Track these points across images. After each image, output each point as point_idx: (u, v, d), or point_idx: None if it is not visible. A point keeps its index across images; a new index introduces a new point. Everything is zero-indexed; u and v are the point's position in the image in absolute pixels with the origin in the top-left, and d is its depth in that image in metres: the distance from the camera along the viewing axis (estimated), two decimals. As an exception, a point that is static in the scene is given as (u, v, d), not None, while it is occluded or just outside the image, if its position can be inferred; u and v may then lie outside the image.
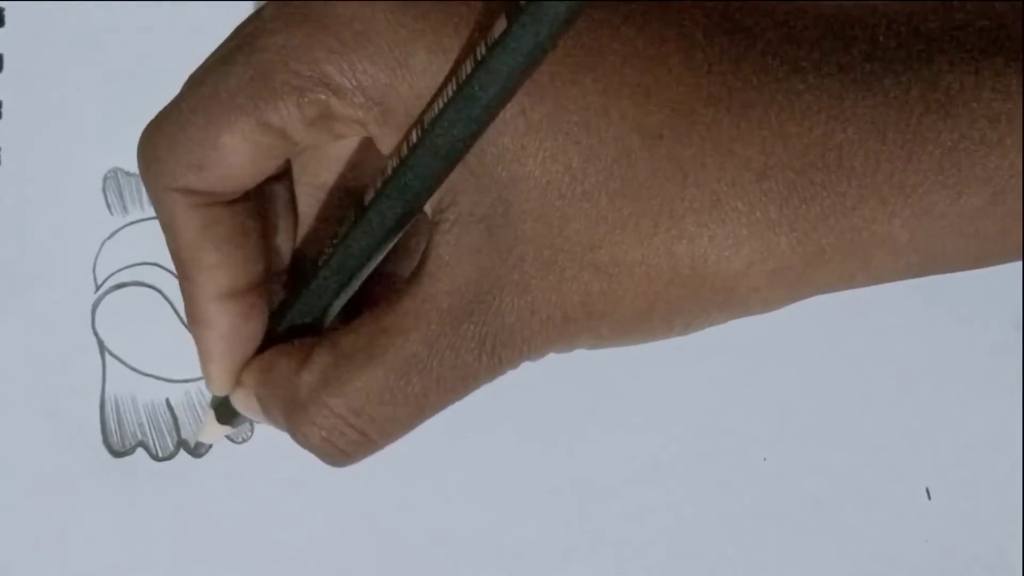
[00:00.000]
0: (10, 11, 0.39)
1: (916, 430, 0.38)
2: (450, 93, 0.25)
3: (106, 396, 0.38)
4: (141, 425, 0.38)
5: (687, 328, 0.28)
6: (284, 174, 0.32)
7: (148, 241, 0.39)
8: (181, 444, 0.38)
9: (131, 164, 0.39)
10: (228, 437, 0.38)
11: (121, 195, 0.39)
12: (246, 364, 0.31)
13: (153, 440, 0.38)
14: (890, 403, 0.38)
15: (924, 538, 0.38)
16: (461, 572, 0.38)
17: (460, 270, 0.27)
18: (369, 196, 0.28)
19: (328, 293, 0.29)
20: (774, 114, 0.26)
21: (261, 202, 0.31)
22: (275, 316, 0.31)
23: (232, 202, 0.29)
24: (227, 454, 0.38)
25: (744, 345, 0.38)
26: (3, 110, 0.39)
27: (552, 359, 0.38)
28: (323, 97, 0.26)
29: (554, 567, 0.38)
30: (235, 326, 0.30)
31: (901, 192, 0.26)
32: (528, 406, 0.38)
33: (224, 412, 0.34)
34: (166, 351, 0.38)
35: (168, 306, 0.39)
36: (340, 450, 0.29)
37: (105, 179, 0.39)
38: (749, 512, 0.38)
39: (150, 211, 0.39)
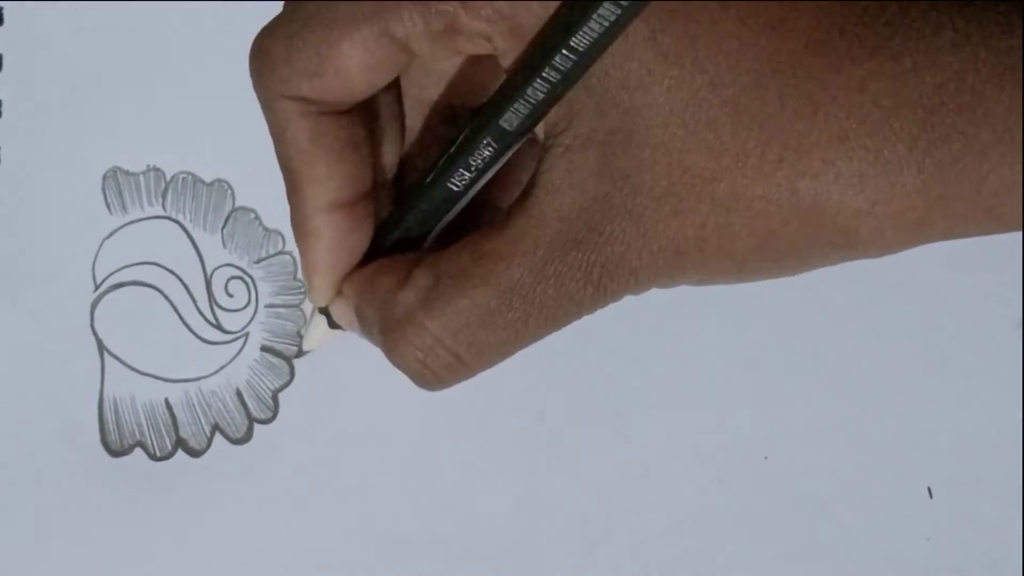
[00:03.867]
0: (9, 10, 0.39)
1: (917, 429, 0.38)
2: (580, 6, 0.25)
3: (105, 396, 0.38)
4: (139, 425, 0.38)
5: (799, 268, 0.28)
6: (392, 86, 0.31)
7: (147, 240, 0.39)
8: (179, 444, 0.38)
9: (130, 163, 0.39)
10: (226, 436, 0.38)
11: (120, 194, 0.39)
12: (348, 276, 0.30)
13: (151, 440, 0.38)
14: (891, 402, 0.38)
15: (926, 537, 0.38)
16: (460, 572, 0.38)
17: (572, 196, 0.26)
18: (486, 109, 0.27)
19: (436, 210, 0.29)
20: (908, 52, 0.25)
21: (370, 114, 0.30)
22: (379, 230, 0.31)
23: (343, 113, 0.29)
24: (225, 455, 0.38)
25: (745, 344, 0.38)
26: (2, 109, 0.39)
27: (552, 357, 0.38)
28: (450, 9, 0.26)
29: (554, 567, 0.38)
30: (341, 238, 0.29)
31: None
32: (528, 405, 0.38)
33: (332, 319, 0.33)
34: (165, 351, 0.38)
35: (167, 305, 0.39)
36: (433, 372, 0.28)
37: (104, 178, 0.39)
38: (750, 511, 0.38)
39: (150, 211, 0.39)
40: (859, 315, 0.38)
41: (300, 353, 0.38)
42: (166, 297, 0.39)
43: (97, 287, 0.39)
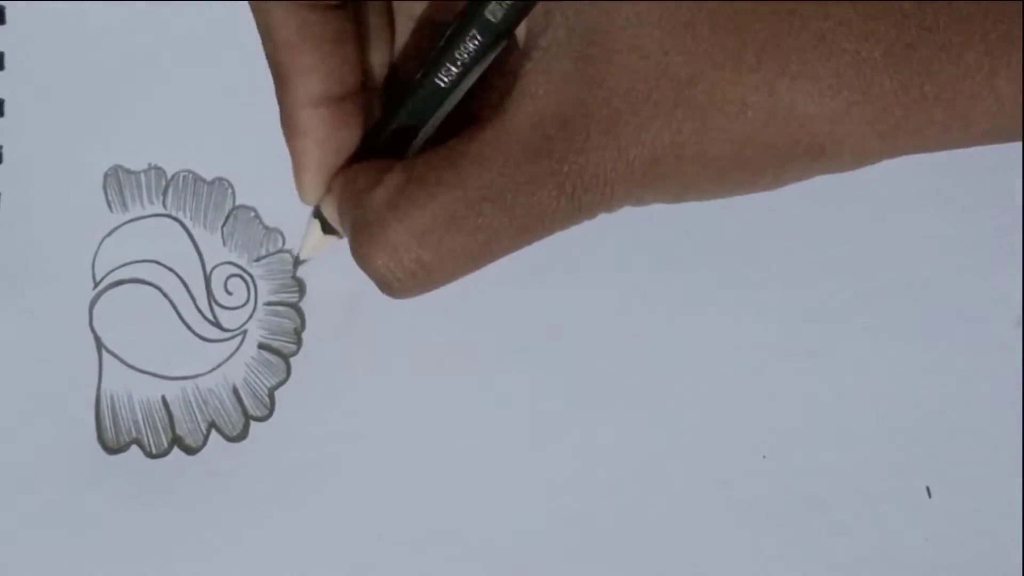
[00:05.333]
0: (11, 9, 0.39)
1: (917, 429, 0.38)
2: None
3: (102, 393, 0.38)
4: (136, 422, 0.38)
5: (777, 179, 0.27)
6: None
7: (148, 238, 0.39)
8: (175, 441, 0.38)
9: (131, 162, 0.39)
10: (222, 434, 0.38)
11: (121, 192, 0.39)
12: (335, 175, 0.30)
13: (147, 437, 0.38)
14: (890, 401, 0.38)
15: (924, 537, 0.37)
16: (459, 572, 0.37)
17: (547, 101, 0.26)
18: (472, 3, 0.27)
19: (424, 108, 0.29)
20: None
21: (359, 14, 0.30)
22: (369, 134, 0.31)
23: (331, 7, 0.28)
24: (220, 452, 0.38)
25: (744, 343, 0.38)
26: (4, 108, 0.39)
27: (551, 355, 0.38)
28: None
29: (554, 566, 0.37)
30: (329, 133, 0.29)
31: (1010, 44, 0.25)
32: (526, 403, 0.38)
33: (327, 223, 0.33)
34: (163, 348, 0.38)
35: (167, 303, 0.39)
36: (396, 278, 0.28)
37: (105, 176, 0.39)
38: (749, 510, 0.38)
39: (150, 208, 0.39)
40: (859, 314, 0.38)
41: (297, 262, 0.38)
42: (165, 295, 0.39)
43: (96, 285, 0.39)
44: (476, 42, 0.27)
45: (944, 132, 0.27)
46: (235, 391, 0.38)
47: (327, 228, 0.33)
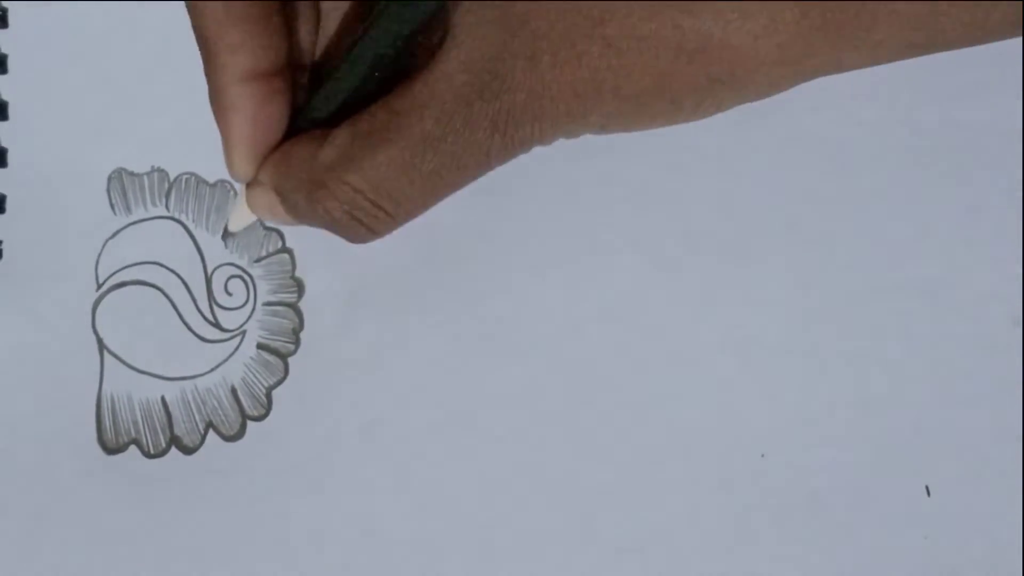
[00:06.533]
0: (14, 12, 0.40)
1: (916, 428, 0.38)
2: None
3: (103, 394, 0.38)
4: (135, 423, 0.38)
5: (696, 110, 0.29)
6: None
7: (150, 240, 0.39)
8: (173, 441, 0.38)
9: (135, 164, 0.39)
10: (220, 434, 0.38)
11: (125, 195, 0.39)
12: (265, 159, 0.31)
13: (146, 437, 0.38)
14: (890, 401, 0.38)
15: (923, 535, 0.37)
16: (457, 571, 0.37)
17: (475, 47, 0.27)
18: None
19: (352, 79, 0.30)
20: None
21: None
22: (296, 114, 0.31)
23: None
24: (218, 452, 0.38)
25: (743, 342, 0.38)
26: (9, 111, 0.40)
27: (549, 356, 0.38)
28: None
29: (551, 566, 0.37)
30: (258, 110, 0.30)
31: None
32: (524, 404, 0.38)
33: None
34: (164, 349, 0.38)
35: (168, 304, 0.39)
36: (363, 224, 0.29)
37: (109, 179, 0.39)
38: (748, 510, 0.37)
39: (153, 211, 0.39)
40: (858, 314, 0.38)
41: (227, 234, 0.38)
42: (167, 296, 0.39)
43: (99, 287, 0.39)
44: (398, 19, 0.28)
45: (852, 53, 0.28)
46: (233, 391, 0.38)
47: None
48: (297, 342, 0.39)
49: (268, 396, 0.38)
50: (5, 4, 0.40)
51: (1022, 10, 0.28)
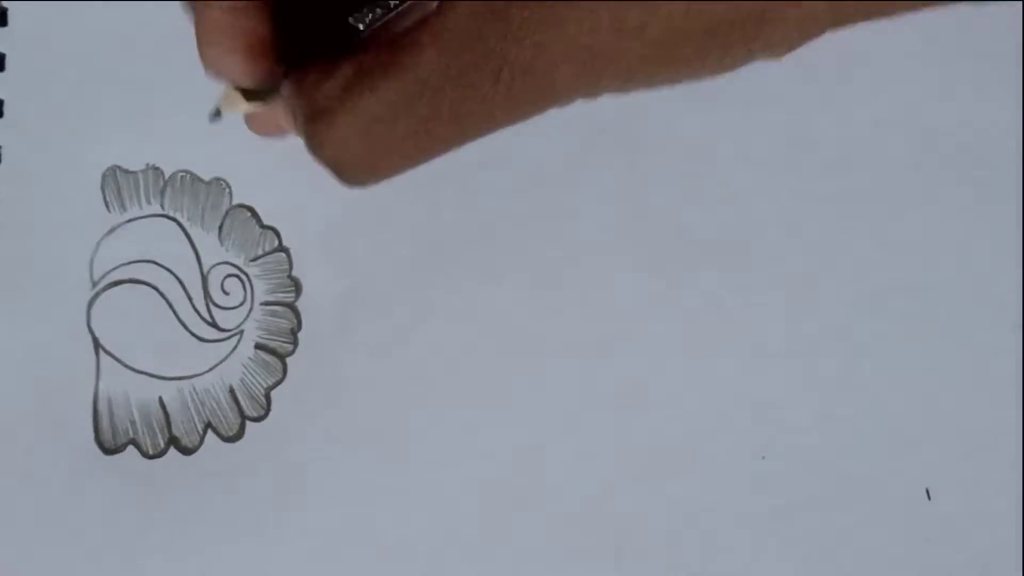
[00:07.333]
0: (13, 11, 0.40)
1: (916, 431, 0.38)
2: None
3: (99, 393, 0.38)
4: (133, 423, 0.38)
5: (722, 59, 0.27)
6: None
7: (145, 238, 0.39)
8: (172, 442, 0.38)
9: (130, 162, 0.39)
10: (218, 434, 0.38)
11: (119, 193, 0.39)
12: (285, 75, 0.30)
13: (144, 438, 0.38)
14: (890, 403, 0.38)
15: (924, 538, 0.37)
16: (456, 571, 0.37)
17: None
18: None
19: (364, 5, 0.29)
20: None
21: None
22: (315, 36, 0.30)
23: None
24: (216, 452, 0.38)
25: (744, 344, 0.38)
26: (4, 109, 0.39)
27: (549, 356, 0.38)
28: None
29: (551, 566, 0.37)
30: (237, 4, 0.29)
31: None
32: (525, 405, 0.38)
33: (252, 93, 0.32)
34: (160, 349, 0.38)
35: (164, 303, 0.38)
36: (347, 165, 0.28)
37: (104, 177, 0.39)
38: (748, 511, 0.37)
39: (148, 209, 0.39)
40: (859, 316, 0.38)
41: (216, 115, 0.37)
42: (162, 295, 0.39)
43: (94, 285, 0.39)
44: None
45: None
46: (231, 391, 0.38)
47: (251, 96, 0.33)
48: (295, 342, 0.38)
49: (267, 396, 0.38)
50: (4, 3, 0.39)
51: None
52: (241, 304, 0.39)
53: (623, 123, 0.39)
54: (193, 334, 0.39)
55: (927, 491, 0.37)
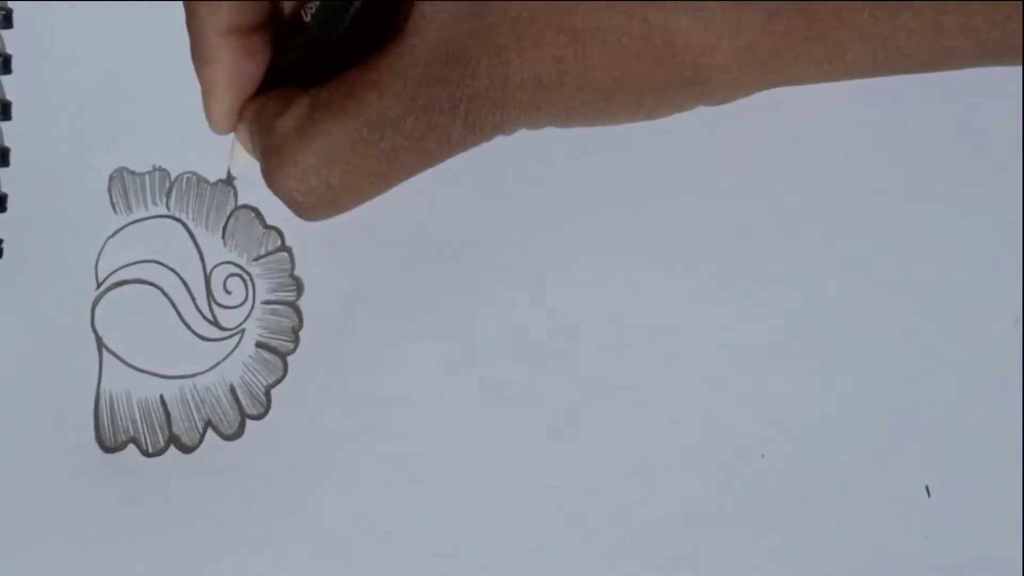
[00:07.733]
0: (19, 13, 0.40)
1: (916, 428, 0.38)
2: None
3: (101, 392, 0.38)
4: (134, 421, 0.38)
5: (656, 108, 0.29)
6: None
7: (150, 239, 0.39)
8: (172, 440, 0.38)
9: (136, 163, 0.40)
10: (218, 433, 0.38)
11: (126, 194, 0.39)
12: (246, 103, 0.31)
13: (144, 436, 0.38)
14: (890, 401, 0.38)
15: (924, 535, 0.37)
16: (456, 571, 0.37)
17: (440, 28, 0.27)
18: None
19: (326, 30, 0.30)
20: None
21: None
22: (275, 67, 0.31)
23: None
24: (216, 451, 0.38)
25: (743, 342, 0.38)
26: (12, 110, 0.40)
27: (549, 355, 0.38)
28: None
29: (550, 566, 0.37)
30: (236, 63, 0.30)
31: None
32: (524, 403, 0.38)
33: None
34: (163, 348, 0.38)
35: (167, 303, 0.39)
36: (307, 200, 0.29)
37: (111, 178, 0.40)
38: (747, 510, 0.37)
39: (154, 210, 0.39)
40: (858, 314, 0.38)
41: (230, 178, 0.38)
42: (166, 295, 0.39)
43: (99, 285, 0.39)
44: None
45: (816, 66, 0.28)
46: (232, 390, 0.38)
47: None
48: (296, 341, 0.39)
49: (267, 395, 0.38)
50: (9, 5, 0.40)
51: (983, 36, 0.28)
52: (243, 303, 0.39)
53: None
54: (195, 333, 0.39)
55: (927, 488, 0.37)
